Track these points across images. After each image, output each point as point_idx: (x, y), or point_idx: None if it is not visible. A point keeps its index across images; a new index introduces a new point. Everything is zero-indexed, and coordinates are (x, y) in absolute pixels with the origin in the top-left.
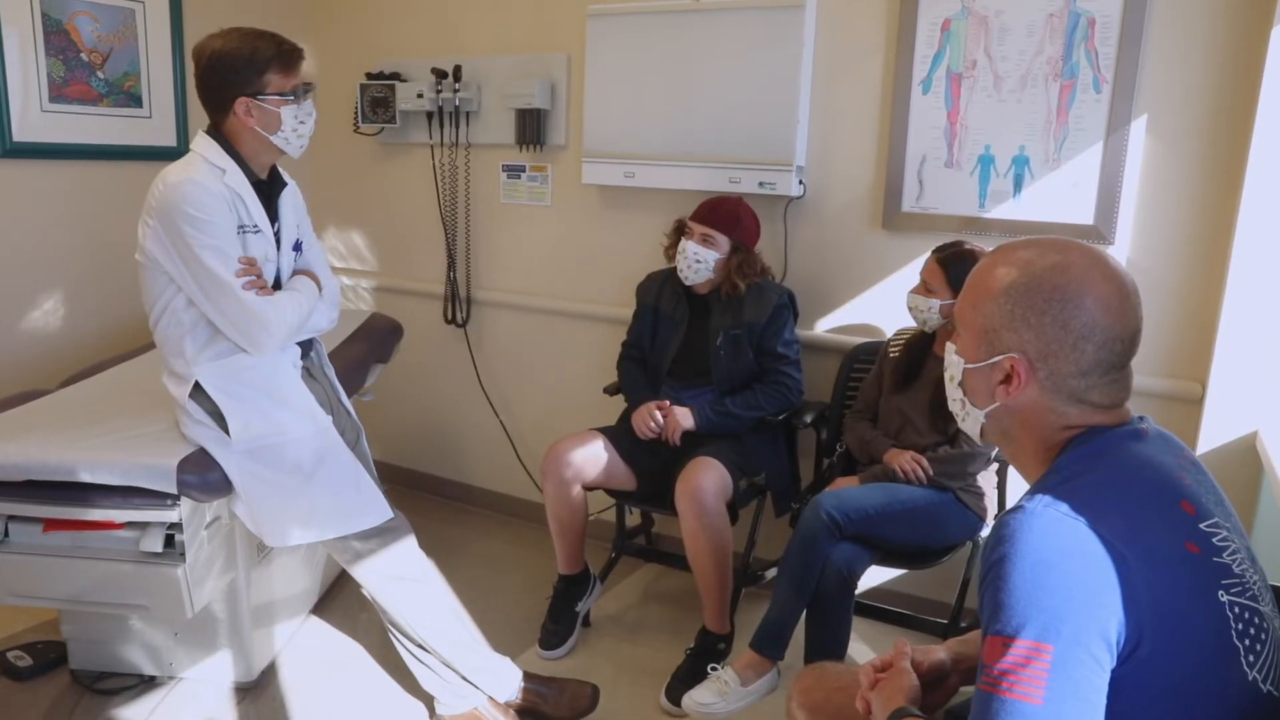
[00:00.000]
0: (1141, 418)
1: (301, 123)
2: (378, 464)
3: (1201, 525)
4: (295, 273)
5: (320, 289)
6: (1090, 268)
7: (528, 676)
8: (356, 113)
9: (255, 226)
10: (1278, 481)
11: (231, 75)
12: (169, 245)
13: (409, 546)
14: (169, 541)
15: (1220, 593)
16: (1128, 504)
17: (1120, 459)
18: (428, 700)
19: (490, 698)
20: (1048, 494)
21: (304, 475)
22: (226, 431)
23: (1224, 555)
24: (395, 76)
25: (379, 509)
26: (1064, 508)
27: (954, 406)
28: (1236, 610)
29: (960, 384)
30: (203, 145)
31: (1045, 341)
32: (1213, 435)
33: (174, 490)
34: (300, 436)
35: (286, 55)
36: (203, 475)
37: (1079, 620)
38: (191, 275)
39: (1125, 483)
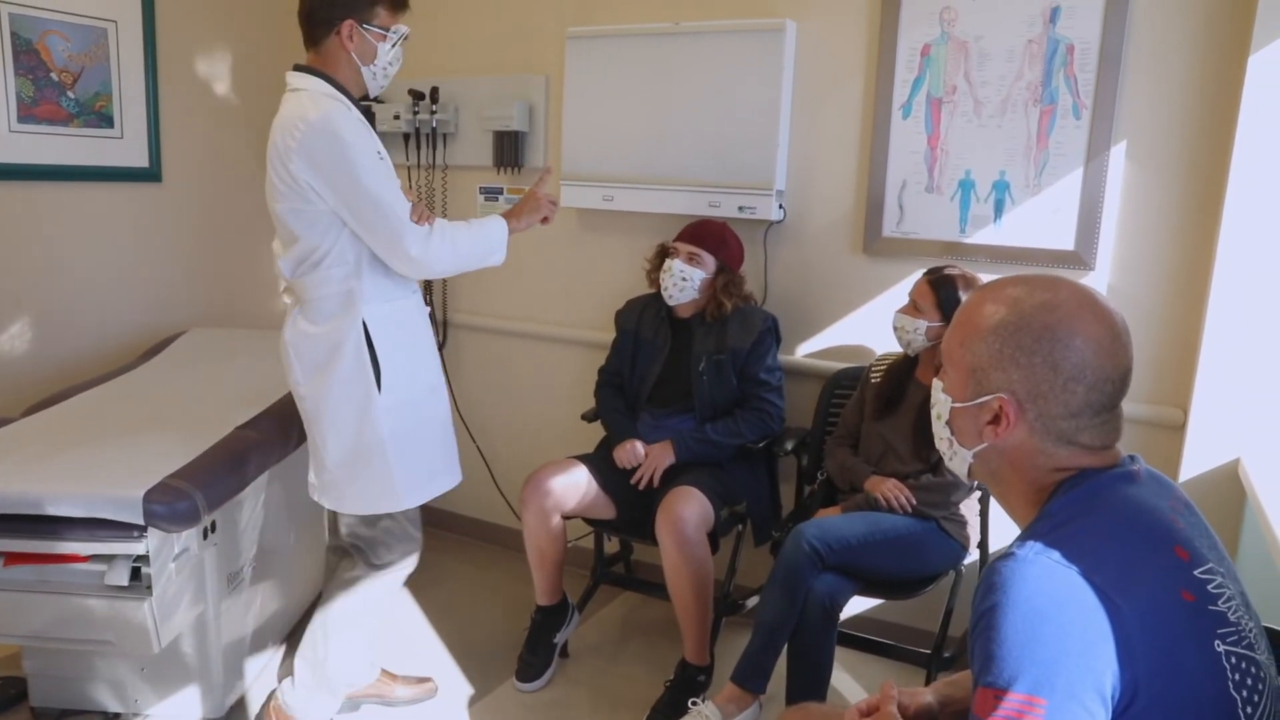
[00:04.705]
0: (1133, 458)
1: (391, 64)
2: None
3: (1196, 572)
4: None
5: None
6: (1080, 306)
7: None
8: None
9: (380, 153)
10: (1261, 509)
11: None
12: (329, 176)
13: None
14: (135, 574)
15: (1216, 642)
16: (1122, 551)
17: (1113, 504)
18: None
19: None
20: (1039, 540)
21: (440, 424)
22: (377, 385)
23: (1219, 603)
24: (364, 97)
25: (456, 470)
26: (1057, 555)
27: (941, 445)
28: (1233, 660)
29: (948, 423)
30: (307, 81)
31: (1034, 382)
32: (1195, 462)
33: (140, 521)
34: (435, 384)
35: None
36: (171, 505)
37: (1073, 673)
38: (356, 201)
39: (1118, 529)
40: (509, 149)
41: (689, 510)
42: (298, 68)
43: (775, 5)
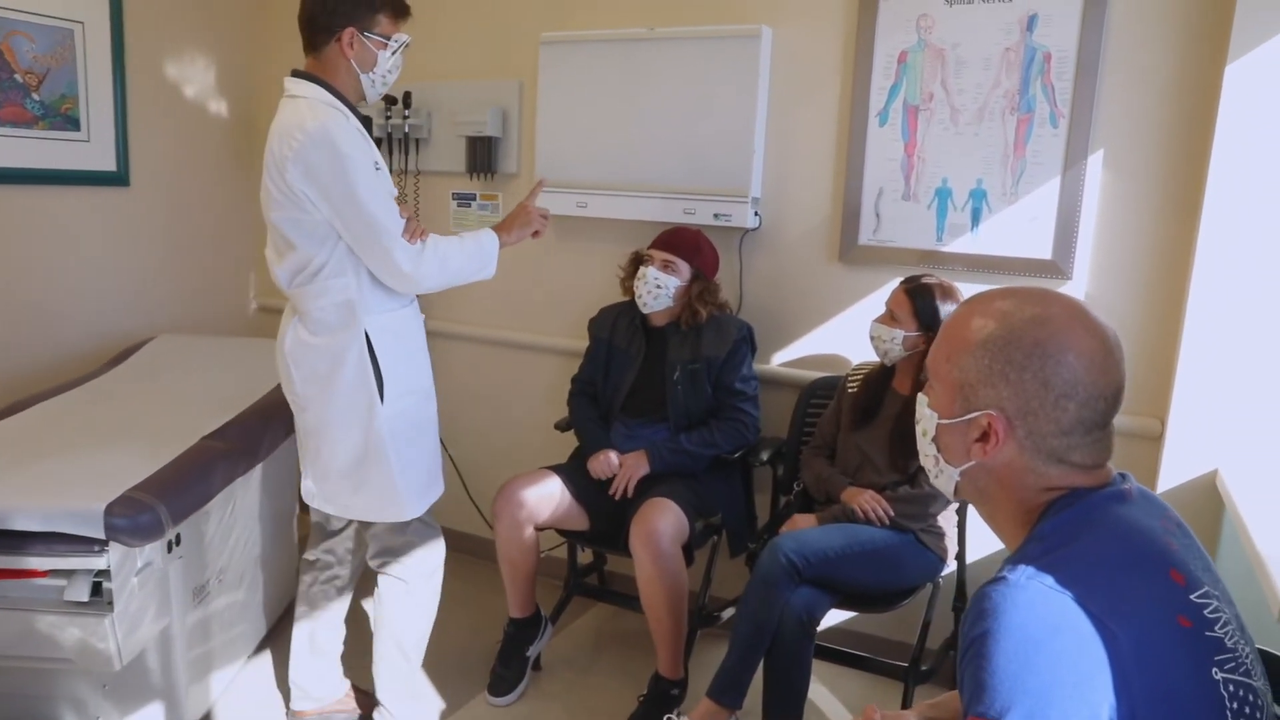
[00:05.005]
0: (1124, 476)
1: (390, 72)
2: None
3: (1192, 596)
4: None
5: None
6: (1072, 320)
7: None
8: None
9: (378, 164)
10: (1241, 521)
11: (348, 4)
12: (324, 187)
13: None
14: (96, 589)
15: (1214, 669)
16: (1116, 575)
17: (1106, 525)
18: None
19: None
20: (1031, 564)
21: (434, 431)
22: (379, 395)
23: (1216, 628)
24: None
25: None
26: (1050, 580)
27: (926, 462)
28: (1231, 689)
29: (934, 439)
30: (306, 88)
31: (1024, 399)
32: (1173, 474)
33: (101, 535)
34: (430, 391)
35: (400, 5)
36: (133, 518)
37: (1068, 704)
38: (349, 215)
39: (1113, 552)
40: (482, 154)
41: (663, 523)
42: (296, 73)
43: (751, 11)
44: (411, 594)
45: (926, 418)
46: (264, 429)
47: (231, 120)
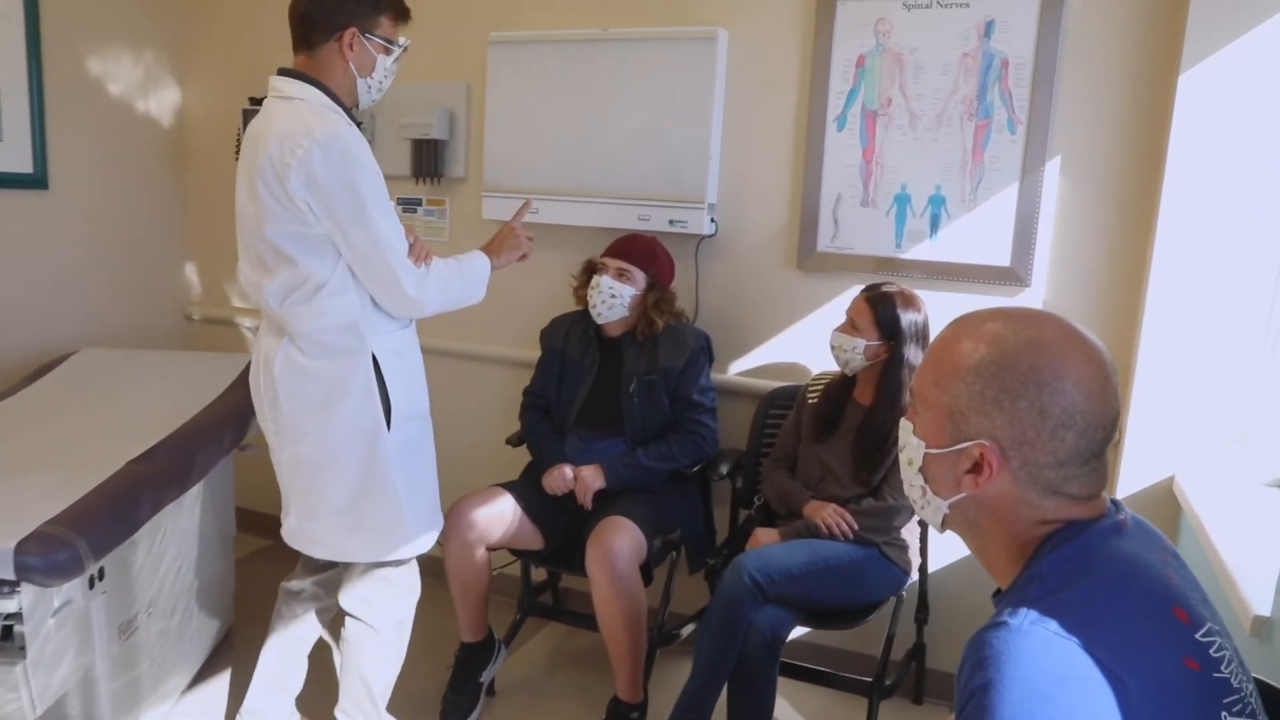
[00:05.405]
0: (1117, 505)
1: (386, 77)
2: (262, 517)
3: (1197, 635)
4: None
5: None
6: (1069, 345)
7: None
8: (239, 140)
9: (379, 173)
10: (1200, 526)
11: (352, 3)
12: (332, 201)
13: None
14: (6, 633)
15: (1223, 713)
16: (1123, 618)
17: (1109, 563)
18: None
19: None
20: (1033, 607)
21: (434, 457)
22: (386, 419)
23: (1222, 668)
24: None
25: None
26: (1054, 625)
27: (912, 493)
28: None
29: (921, 469)
30: (303, 89)
31: (1020, 428)
32: (1130, 480)
33: (11, 576)
34: (428, 413)
35: (402, 8)
36: (47, 556)
37: None
38: (357, 233)
39: (1117, 593)
40: (428, 158)
41: (621, 543)
42: (286, 72)
43: (708, 13)
44: (381, 644)
45: (913, 446)
46: (196, 449)
47: (160, 118)
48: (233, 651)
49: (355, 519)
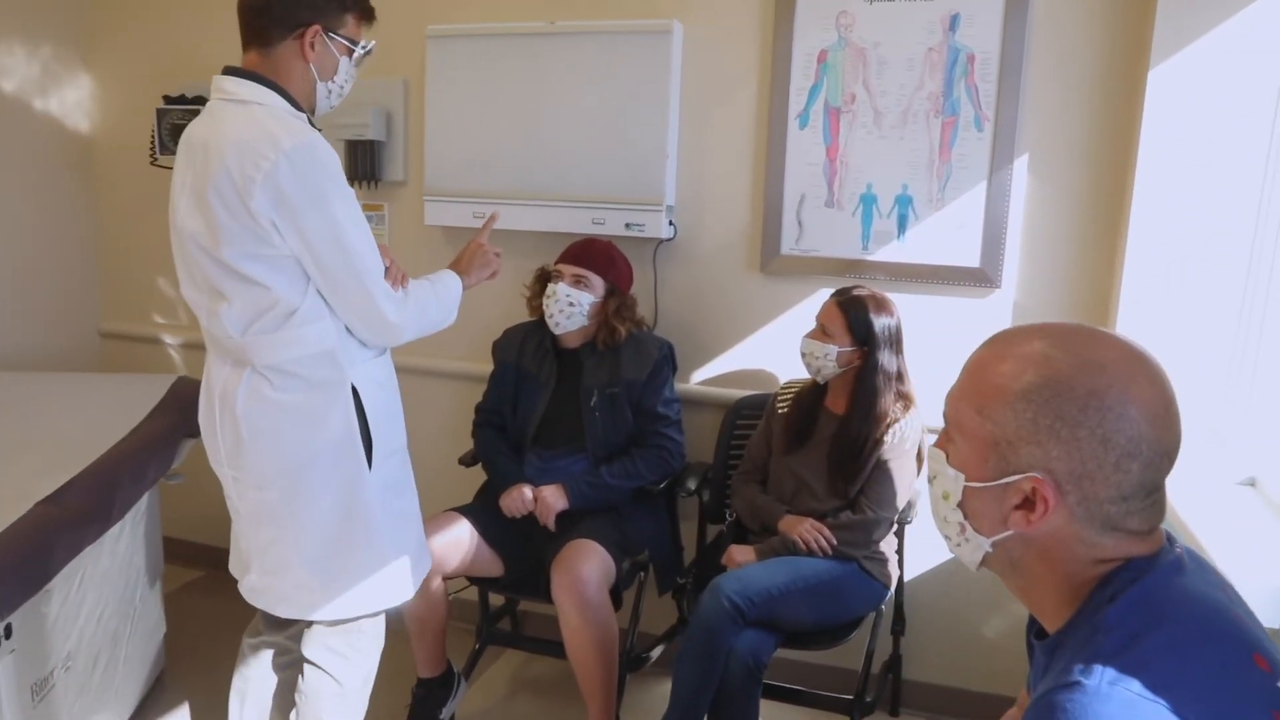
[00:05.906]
0: (1170, 538)
1: (347, 81)
2: (191, 546)
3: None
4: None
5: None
6: (1133, 366)
7: None
8: (154, 142)
9: (349, 187)
10: (1185, 528)
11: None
12: (301, 219)
13: None
14: None
15: None
16: (1208, 671)
17: (1180, 607)
18: None
19: None
20: (1109, 664)
21: (415, 491)
22: (367, 458)
23: None
24: (199, 100)
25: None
26: (1136, 686)
27: (948, 530)
28: None
29: (959, 504)
30: (258, 93)
31: (1080, 460)
32: None
33: None
34: (405, 445)
35: (368, 8)
36: None
37: None
38: (330, 254)
39: (1196, 643)
40: (364, 160)
41: (588, 569)
42: (234, 70)
43: (662, 5)
44: (345, 698)
45: (948, 478)
46: (116, 485)
47: (64, 121)
48: (165, 697)
49: (331, 572)
